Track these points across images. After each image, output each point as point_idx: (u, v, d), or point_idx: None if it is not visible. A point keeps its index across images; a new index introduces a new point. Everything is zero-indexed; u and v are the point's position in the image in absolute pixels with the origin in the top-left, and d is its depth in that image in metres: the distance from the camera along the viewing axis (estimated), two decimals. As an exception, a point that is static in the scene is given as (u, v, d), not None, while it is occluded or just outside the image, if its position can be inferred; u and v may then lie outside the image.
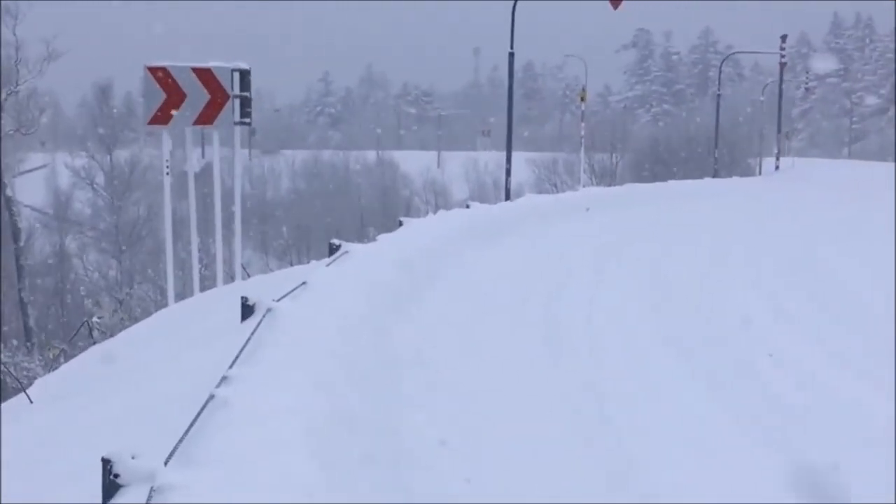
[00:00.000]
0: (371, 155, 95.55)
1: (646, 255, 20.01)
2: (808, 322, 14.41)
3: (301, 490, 5.01)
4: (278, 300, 9.22)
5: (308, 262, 24.14)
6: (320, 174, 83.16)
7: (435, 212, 22.85)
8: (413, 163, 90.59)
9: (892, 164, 78.34)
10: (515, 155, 37.24)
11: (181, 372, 9.07)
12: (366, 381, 8.12)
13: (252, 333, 7.85)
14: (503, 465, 7.54)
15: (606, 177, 75.76)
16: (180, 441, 5.43)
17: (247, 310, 9.56)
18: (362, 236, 47.27)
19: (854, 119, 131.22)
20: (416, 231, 17.11)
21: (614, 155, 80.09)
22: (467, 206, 22.84)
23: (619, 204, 30.29)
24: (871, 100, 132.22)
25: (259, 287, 12.89)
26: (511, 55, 33.92)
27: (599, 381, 10.19)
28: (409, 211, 65.03)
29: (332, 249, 13.44)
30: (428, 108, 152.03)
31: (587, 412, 9.10)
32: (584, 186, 45.54)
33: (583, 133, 43.59)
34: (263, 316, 8.57)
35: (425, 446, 7.57)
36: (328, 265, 12.26)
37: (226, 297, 13.06)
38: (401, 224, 17.79)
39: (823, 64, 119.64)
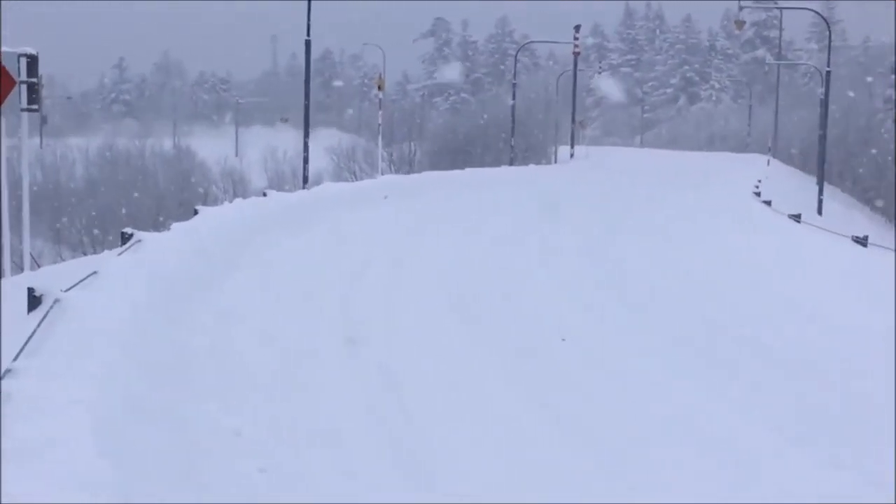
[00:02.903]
0: (168, 143, 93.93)
1: (443, 241, 20.14)
2: (599, 304, 14.71)
3: (88, 485, 4.89)
4: (67, 290, 8.98)
5: (102, 253, 23.58)
6: (115, 163, 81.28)
7: (232, 200, 22.57)
8: (211, 151, 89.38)
9: (681, 152, 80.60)
10: (313, 143, 37.10)
11: (-35, 366, 8.77)
12: (158, 371, 7.97)
13: (38, 325, 7.63)
14: (299, 455, 7.49)
15: (405, 164, 75.99)
16: (-40, 437, 5.24)
17: (33, 301, 9.27)
18: (158, 226, 46.41)
19: (646, 108, 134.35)
20: (212, 220, 16.87)
21: (412, 143, 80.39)
22: (264, 195, 22.62)
23: (417, 191, 30.38)
24: (662, 89, 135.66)
25: (49, 278, 12.54)
26: (308, 43, 33.78)
27: (396, 365, 10.22)
28: (207, 200, 64.07)
29: (125, 239, 13.14)
30: (226, 95, 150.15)
31: (383, 398, 9.11)
32: (382, 174, 45.57)
33: (380, 121, 43.58)
34: (51, 307, 8.34)
35: (219, 437, 7.46)
36: (120, 254, 12.00)
37: (13, 289, 12.67)
38: (196, 213, 17.52)
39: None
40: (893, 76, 72.57)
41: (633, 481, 7.50)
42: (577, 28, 65.58)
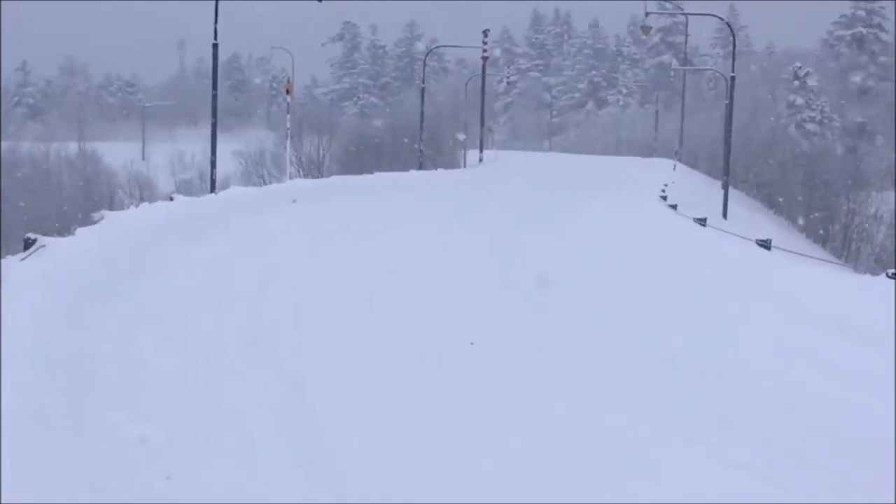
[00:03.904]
0: (73, 147, 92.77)
1: (351, 246, 20.11)
2: (509, 310, 14.77)
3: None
4: (-32, 297, 8.85)
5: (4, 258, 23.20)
6: (19, 167, 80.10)
7: (138, 205, 22.39)
8: (117, 155, 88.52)
9: (589, 156, 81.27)
10: (221, 147, 36.86)
11: None
12: (61, 379, 7.89)
13: (-62, 332, 7.52)
14: (205, 461, 7.44)
15: (314, 169, 75.78)
16: None
17: (-67, 308, 9.13)
18: (63, 230, 45.77)
19: (554, 113, 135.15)
20: (117, 225, 16.72)
21: (321, 147, 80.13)
22: (171, 199, 22.48)
23: (326, 196, 30.32)
24: (570, 94, 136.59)
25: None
26: (215, 47, 33.56)
27: (303, 371, 10.19)
28: (113, 204, 63.39)
29: (28, 244, 12.98)
30: (132, 99, 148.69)
31: (290, 404, 9.08)
32: (291, 178, 45.43)
33: (289, 125, 43.41)
34: (-49, 314, 8.22)
35: (124, 444, 7.39)
36: (23, 260, 11.85)
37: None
38: (102, 218, 17.35)
39: None
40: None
41: (537, 481, 7.55)
42: (486, 33, 65.80)
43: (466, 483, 7.47)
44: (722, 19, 66.35)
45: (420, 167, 55.85)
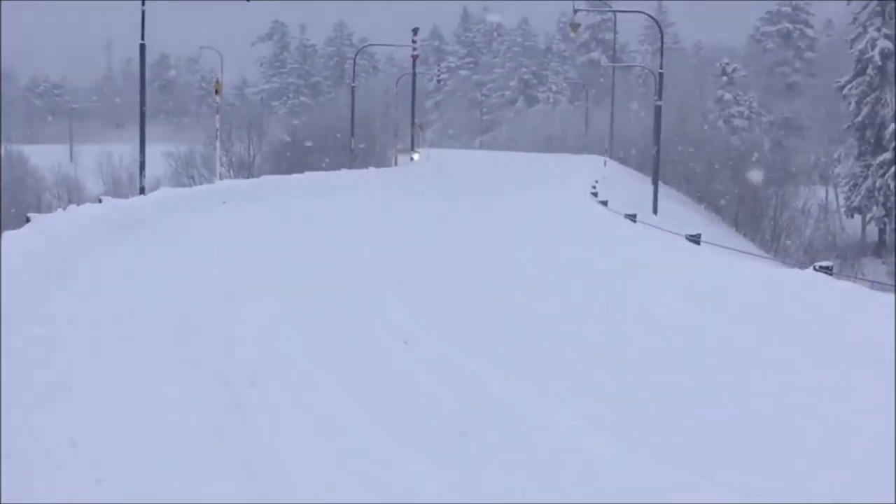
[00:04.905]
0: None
1: (281, 246, 20.05)
2: (441, 309, 14.77)
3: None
4: None
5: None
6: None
7: (66, 208, 22.20)
8: (44, 157, 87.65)
9: (520, 153, 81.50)
10: (150, 148, 36.61)
11: None
12: (-12, 383, 7.80)
13: None
14: (135, 465, 7.39)
15: (244, 169, 75.49)
16: None
17: None
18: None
19: (484, 110, 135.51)
20: (45, 228, 16.55)
21: (251, 147, 79.84)
22: (100, 201, 22.32)
23: (256, 196, 30.28)
24: (500, 92, 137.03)
25: None
26: (142, 47, 33.33)
27: (234, 371, 10.14)
28: (40, 207, 62.75)
29: (-47, 248, 12.82)
30: (59, 101, 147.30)
31: (221, 404, 9.03)
32: (221, 179, 45.23)
33: (218, 126, 43.19)
34: None
35: (53, 449, 7.33)
36: (-52, 264, 11.69)
37: None
38: (28, 220, 17.18)
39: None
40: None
41: (468, 482, 7.56)
42: (416, 31, 65.92)
43: (396, 481, 7.47)
44: (650, 16, 66.76)
45: (351, 166, 55.77)
